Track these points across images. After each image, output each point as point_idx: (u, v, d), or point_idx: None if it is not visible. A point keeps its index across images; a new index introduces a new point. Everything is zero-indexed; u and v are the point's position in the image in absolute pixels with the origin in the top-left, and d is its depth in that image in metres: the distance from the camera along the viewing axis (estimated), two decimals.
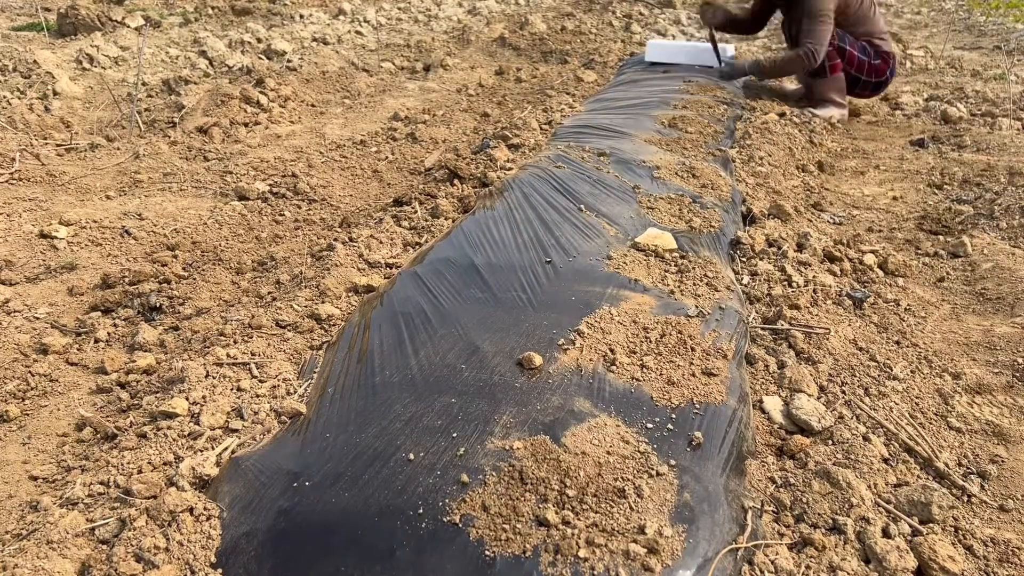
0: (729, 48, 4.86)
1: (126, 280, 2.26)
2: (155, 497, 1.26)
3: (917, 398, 1.66)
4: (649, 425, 1.38)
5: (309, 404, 1.49)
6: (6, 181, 2.98)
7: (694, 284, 1.95)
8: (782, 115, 4.11)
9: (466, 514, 1.16)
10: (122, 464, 1.35)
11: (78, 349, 1.95)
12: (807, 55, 3.88)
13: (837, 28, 3.93)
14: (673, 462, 1.29)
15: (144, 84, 4.49)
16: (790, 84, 4.90)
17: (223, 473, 1.31)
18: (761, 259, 2.26)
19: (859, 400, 1.62)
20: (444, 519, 1.16)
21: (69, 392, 1.77)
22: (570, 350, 1.60)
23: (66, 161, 3.31)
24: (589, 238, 2.18)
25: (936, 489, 1.33)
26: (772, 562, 1.18)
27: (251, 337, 1.80)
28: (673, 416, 1.41)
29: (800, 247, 2.34)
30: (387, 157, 3.53)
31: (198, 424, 1.45)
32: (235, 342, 1.78)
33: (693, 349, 1.64)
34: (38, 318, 2.08)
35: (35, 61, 4.39)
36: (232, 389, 1.57)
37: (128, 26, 5.83)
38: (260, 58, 5.42)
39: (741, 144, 3.43)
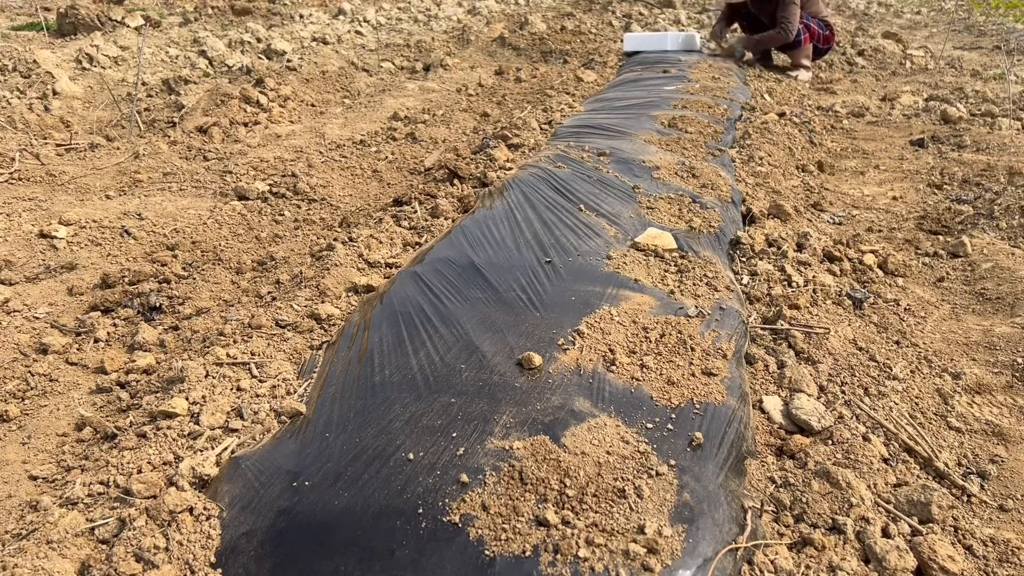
0: (696, 33, 6.10)
1: (126, 280, 2.26)
2: (155, 497, 1.26)
3: (917, 398, 1.66)
4: (649, 425, 1.38)
5: (309, 404, 1.49)
6: (6, 181, 2.98)
7: (694, 284, 1.95)
8: (782, 115, 4.12)
9: (466, 514, 1.16)
10: (122, 464, 1.35)
11: (78, 349, 1.95)
12: (784, 32, 5.29)
13: (805, 13, 5.33)
14: (673, 462, 1.29)
15: (144, 84, 4.49)
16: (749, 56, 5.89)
17: (223, 473, 1.31)
18: (761, 259, 2.26)
19: (859, 400, 1.62)
20: (444, 519, 1.16)
21: (69, 392, 1.77)
22: (570, 350, 1.60)
23: (66, 161, 3.30)
24: (589, 238, 2.18)
25: (936, 489, 1.33)
26: (772, 562, 1.18)
27: (251, 337, 1.80)
28: (673, 416, 1.41)
29: (800, 247, 2.34)
30: (387, 157, 3.53)
31: (198, 424, 1.45)
32: (235, 342, 1.78)
33: (693, 349, 1.64)
34: (38, 318, 2.08)
35: (35, 61, 4.39)
36: (232, 389, 1.57)
37: (128, 26, 5.83)
38: (260, 58, 5.42)
39: (741, 144, 3.43)
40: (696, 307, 1.82)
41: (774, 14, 5.35)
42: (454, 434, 1.33)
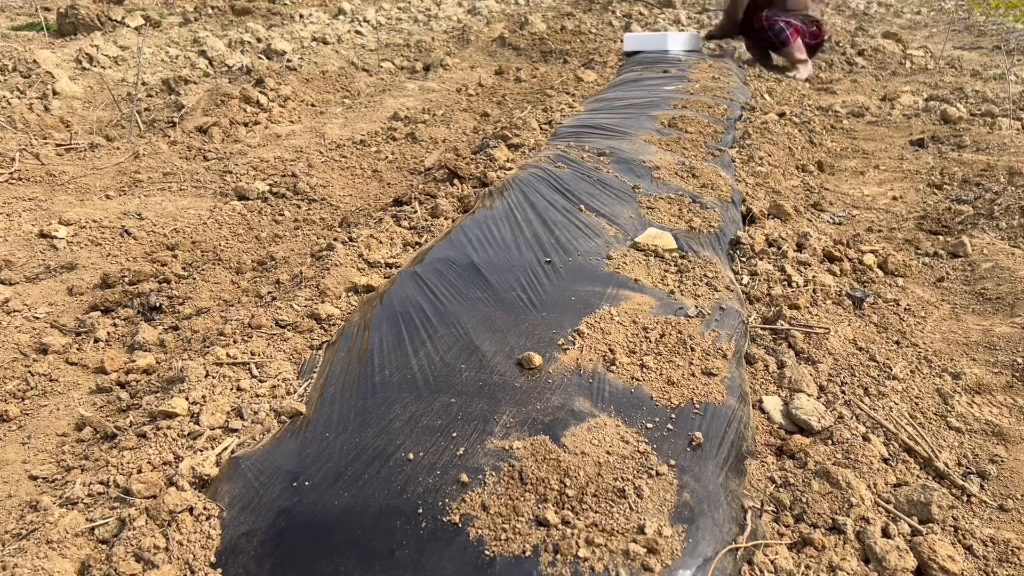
0: (697, 32, 6.28)
1: (126, 280, 2.26)
2: (155, 497, 1.26)
3: (917, 398, 1.66)
4: (649, 425, 1.38)
5: (309, 404, 1.49)
6: (6, 181, 2.98)
7: (694, 284, 1.95)
8: (782, 115, 4.12)
9: (466, 514, 1.16)
10: (122, 464, 1.35)
11: (78, 349, 1.95)
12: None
13: (782, 12, 5.37)
14: (673, 462, 1.29)
15: (144, 84, 4.49)
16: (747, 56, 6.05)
17: (223, 473, 1.31)
18: (761, 259, 2.26)
19: (859, 400, 1.62)
20: (444, 519, 1.16)
21: (69, 392, 1.77)
22: (570, 350, 1.60)
23: (66, 161, 3.31)
24: (589, 238, 2.18)
25: (936, 489, 1.33)
26: (772, 562, 1.18)
27: (251, 337, 1.80)
28: (673, 416, 1.41)
29: (800, 247, 2.34)
30: (387, 157, 3.53)
31: (198, 424, 1.45)
32: (235, 342, 1.78)
33: (693, 349, 1.64)
34: (38, 318, 2.08)
35: (35, 61, 4.39)
36: (232, 389, 1.57)
37: (128, 26, 5.83)
38: (260, 58, 5.42)
39: (741, 144, 3.43)
40: (696, 307, 1.82)
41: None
42: (454, 434, 1.33)
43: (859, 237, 2.55)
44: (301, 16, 6.92)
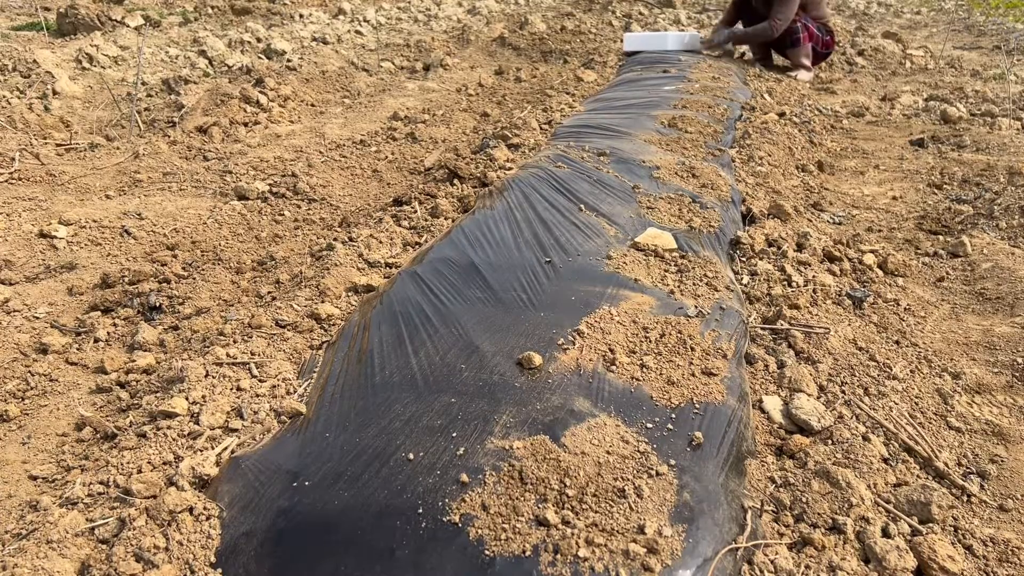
0: (697, 33, 6.14)
1: (126, 280, 2.26)
2: (155, 497, 1.26)
3: (917, 398, 1.66)
4: (649, 425, 1.38)
5: (309, 404, 1.49)
6: (6, 181, 2.98)
7: (694, 284, 1.95)
8: (782, 115, 4.12)
9: (466, 514, 1.16)
10: (122, 464, 1.35)
11: (78, 349, 1.95)
12: (771, 26, 5.24)
13: (803, 14, 5.31)
14: (673, 462, 1.29)
15: (144, 84, 4.49)
16: (748, 55, 6.07)
17: (223, 473, 1.31)
18: (761, 259, 2.26)
19: (859, 400, 1.62)
20: (444, 519, 1.16)
21: (69, 392, 1.77)
22: (570, 350, 1.60)
23: (66, 161, 3.30)
24: (589, 238, 2.18)
25: (936, 489, 1.33)
26: (772, 562, 1.18)
27: (251, 337, 1.80)
28: (673, 416, 1.41)
29: (800, 247, 2.34)
30: (387, 157, 3.53)
31: (198, 424, 1.45)
32: (235, 342, 1.78)
33: (693, 349, 1.64)
34: (38, 318, 2.08)
35: (35, 61, 4.39)
36: (232, 389, 1.57)
37: (128, 25, 5.83)
38: (260, 58, 5.42)
39: (741, 144, 3.43)
40: (696, 307, 1.82)
41: (771, 5, 5.29)
42: (454, 434, 1.34)
43: (859, 237, 2.55)
44: (301, 16, 6.93)
